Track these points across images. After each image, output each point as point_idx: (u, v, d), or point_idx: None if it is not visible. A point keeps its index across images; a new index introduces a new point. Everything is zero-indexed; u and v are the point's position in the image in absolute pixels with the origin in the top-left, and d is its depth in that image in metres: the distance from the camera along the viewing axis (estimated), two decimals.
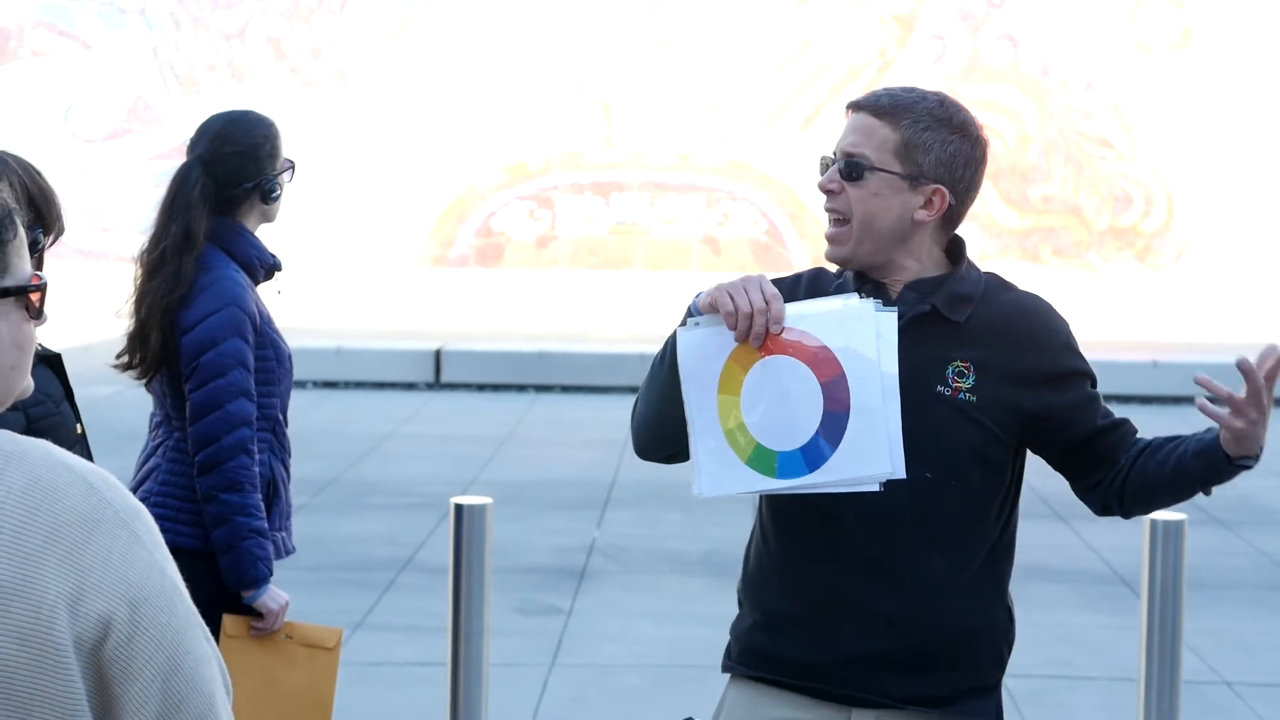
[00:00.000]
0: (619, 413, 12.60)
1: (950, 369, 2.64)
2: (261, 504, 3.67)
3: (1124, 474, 2.72)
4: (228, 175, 3.77)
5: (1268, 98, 18.20)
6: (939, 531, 2.64)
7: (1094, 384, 2.75)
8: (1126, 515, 2.80)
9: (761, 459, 2.55)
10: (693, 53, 18.48)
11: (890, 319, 2.53)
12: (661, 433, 2.67)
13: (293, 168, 3.89)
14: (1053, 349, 2.70)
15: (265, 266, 3.84)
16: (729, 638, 2.82)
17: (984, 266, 2.80)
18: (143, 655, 1.55)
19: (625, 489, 9.47)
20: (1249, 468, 2.65)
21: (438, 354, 13.92)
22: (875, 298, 2.62)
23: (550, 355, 13.93)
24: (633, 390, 11.85)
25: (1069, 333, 2.75)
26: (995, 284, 2.75)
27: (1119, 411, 2.77)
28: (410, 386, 13.76)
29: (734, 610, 2.83)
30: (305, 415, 12.11)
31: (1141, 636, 4.26)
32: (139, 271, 3.75)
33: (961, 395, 2.63)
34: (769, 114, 18.53)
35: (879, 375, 2.52)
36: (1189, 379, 11.86)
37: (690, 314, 2.59)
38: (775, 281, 2.72)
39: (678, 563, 7.82)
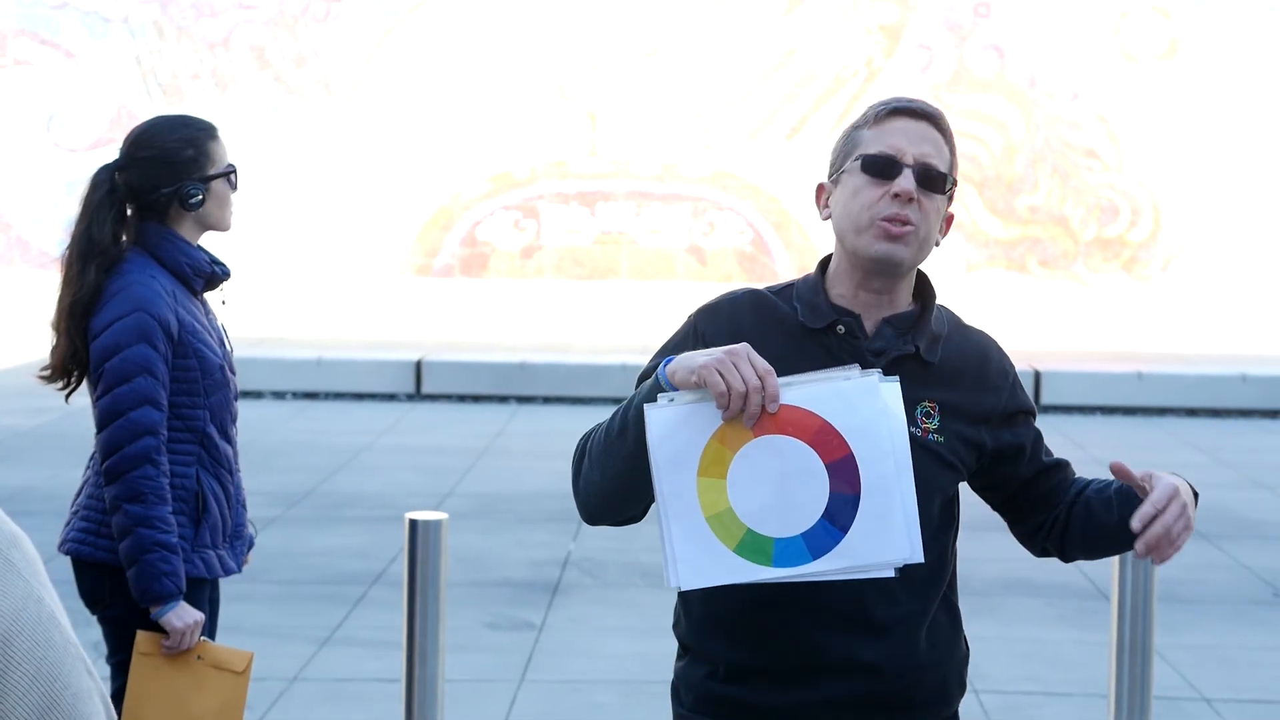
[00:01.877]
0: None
1: (919, 410, 2.56)
2: (169, 517, 3.55)
3: (1064, 517, 2.68)
4: (142, 180, 3.69)
5: (1254, 108, 18.15)
6: (911, 573, 2.53)
7: (1035, 419, 2.73)
8: (1066, 559, 2.74)
9: (754, 546, 2.35)
10: (679, 62, 18.41)
11: (894, 389, 2.37)
12: (620, 503, 2.51)
13: (230, 173, 3.75)
14: (1006, 389, 2.67)
15: (202, 275, 3.72)
16: (674, 679, 2.68)
17: (971, 277, 2.73)
18: (15, 693, 1.46)
19: None
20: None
21: (419, 365, 13.83)
22: (853, 334, 2.54)
23: (532, 366, 13.84)
24: (615, 401, 11.72)
25: (1016, 371, 2.73)
26: (954, 322, 2.68)
27: (1105, 421, 2.70)
28: (391, 397, 13.67)
29: None
30: (283, 426, 12.02)
31: (1111, 652, 4.18)
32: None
33: (931, 437, 2.56)
34: (755, 124, 18.46)
35: (892, 453, 2.36)
36: (1175, 391, 11.79)
37: (660, 387, 2.39)
38: (710, 308, 2.62)
39: (652, 577, 7.72)
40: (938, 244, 2.62)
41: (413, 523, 3.96)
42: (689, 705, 2.63)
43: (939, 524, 2.60)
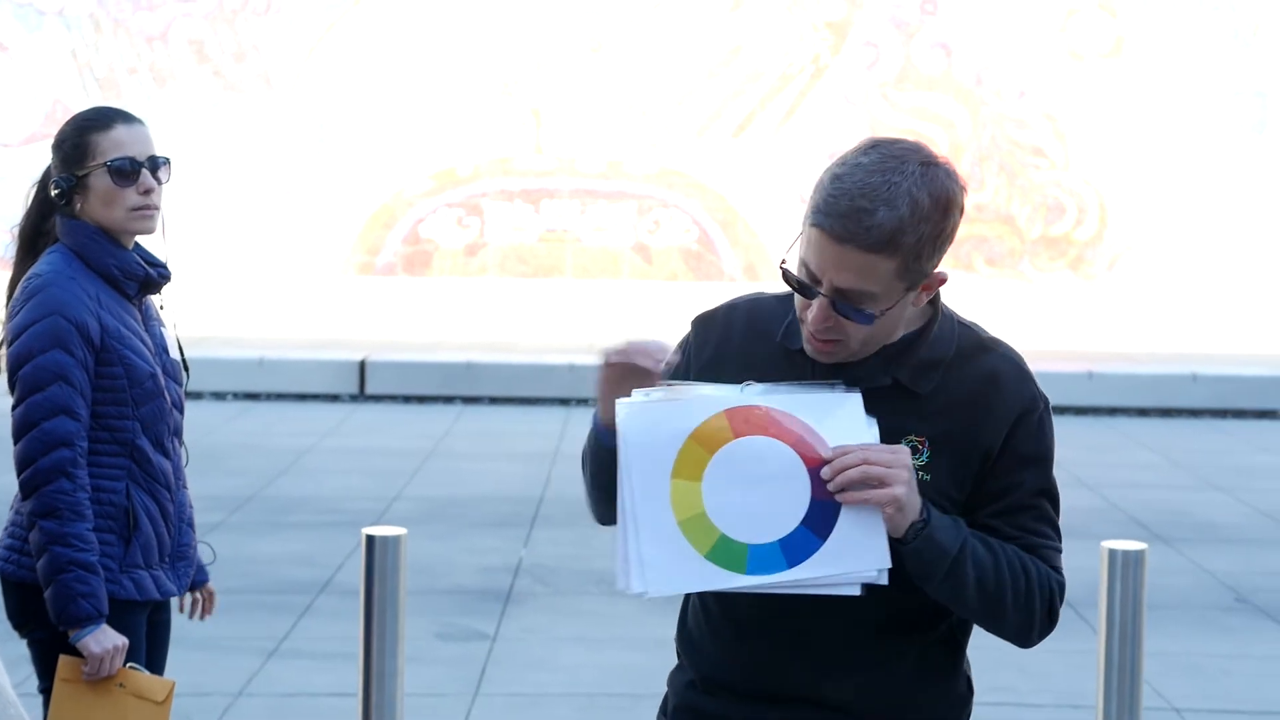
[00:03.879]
0: (548, 425, 12.38)
1: (904, 443, 2.34)
2: (87, 534, 3.32)
3: None
4: (52, 174, 3.54)
5: (1200, 107, 18.15)
6: (898, 612, 2.40)
7: (1050, 498, 2.44)
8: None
9: (727, 552, 2.24)
10: (624, 58, 18.25)
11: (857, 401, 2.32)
12: (612, 503, 2.42)
13: (106, 167, 3.43)
14: (1008, 425, 2.38)
15: (134, 278, 3.48)
16: (666, 689, 2.59)
17: None
18: None
19: (554, 505, 9.18)
20: (919, 549, 2.29)
21: (362, 365, 13.60)
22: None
23: (478, 366, 13.65)
24: (562, 402, 11.44)
25: (1040, 409, 2.41)
26: (969, 344, 2.42)
27: (1056, 421, 2.45)
28: (334, 398, 13.44)
29: (668, 635, 2.63)
30: (225, 428, 11.76)
31: (1100, 671, 4.04)
32: None
33: (917, 474, 2.34)
34: (701, 121, 18.31)
35: None
36: (1125, 390, 11.65)
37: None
38: (706, 318, 2.51)
39: (608, 584, 7.54)
40: (916, 304, 2.38)
41: (369, 538, 3.76)
42: (670, 713, 2.56)
43: None
